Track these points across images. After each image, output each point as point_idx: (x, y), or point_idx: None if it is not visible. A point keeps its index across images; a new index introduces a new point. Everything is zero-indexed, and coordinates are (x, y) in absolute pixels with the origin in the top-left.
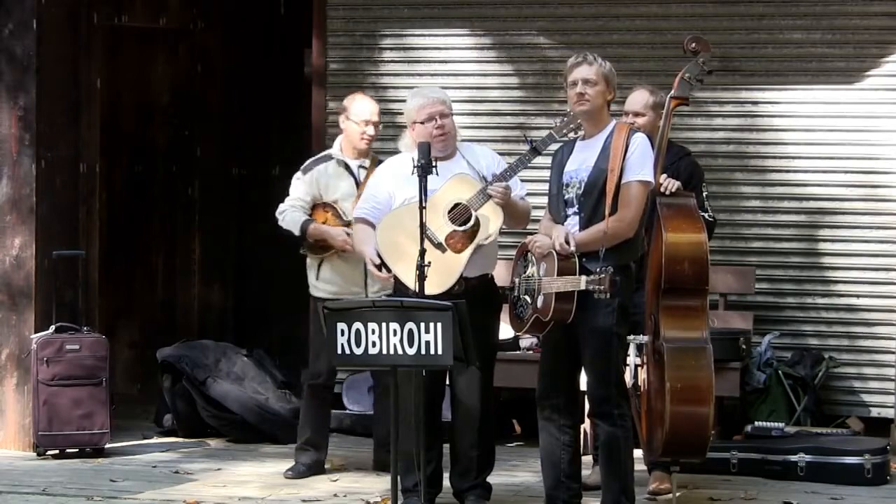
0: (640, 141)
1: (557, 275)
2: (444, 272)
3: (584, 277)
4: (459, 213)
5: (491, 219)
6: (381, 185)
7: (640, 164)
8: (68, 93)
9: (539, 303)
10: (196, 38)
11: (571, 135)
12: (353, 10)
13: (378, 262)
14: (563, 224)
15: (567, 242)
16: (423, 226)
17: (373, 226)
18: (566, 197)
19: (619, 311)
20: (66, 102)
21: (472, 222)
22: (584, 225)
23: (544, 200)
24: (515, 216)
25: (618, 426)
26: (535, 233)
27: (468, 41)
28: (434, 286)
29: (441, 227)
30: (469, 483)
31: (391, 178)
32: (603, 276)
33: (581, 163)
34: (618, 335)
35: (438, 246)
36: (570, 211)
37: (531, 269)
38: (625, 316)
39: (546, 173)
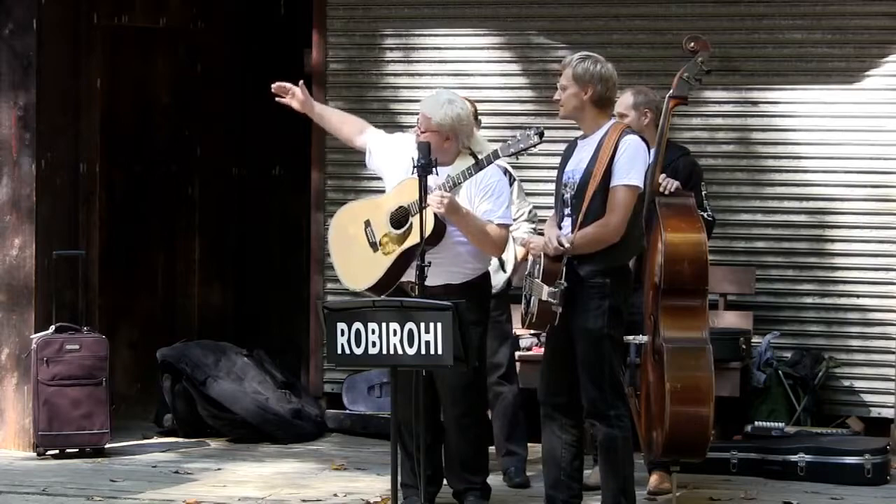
0: (629, 143)
1: (542, 278)
2: (368, 270)
3: (546, 288)
4: (398, 216)
5: (425, 226)
6: (389, 146)
7: (628, 167)
8: (68, 93)
9: (532, 304)
10: (196, 38)
11: (521, 155)
12: (353, 10)
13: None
14: (560, 225)
15: (561, 245)
16: (422, 225)
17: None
18: (564, 197)
19: (610, 312)
20: (66, 102)
21: (405, 227)
22: (575, 227)
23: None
24: (474, 234)
25: (615, 427)
26: None
27: (468, 41)
28: (358, 280)
29: (381, 226)
30: (467, 484)
31: (393, 151)
32: (556, 290)
33: (577, 163)
34: (609, 336)
35: (372, 244)
36: (566, 212)
37: (534, 269)
38: (617, 317)
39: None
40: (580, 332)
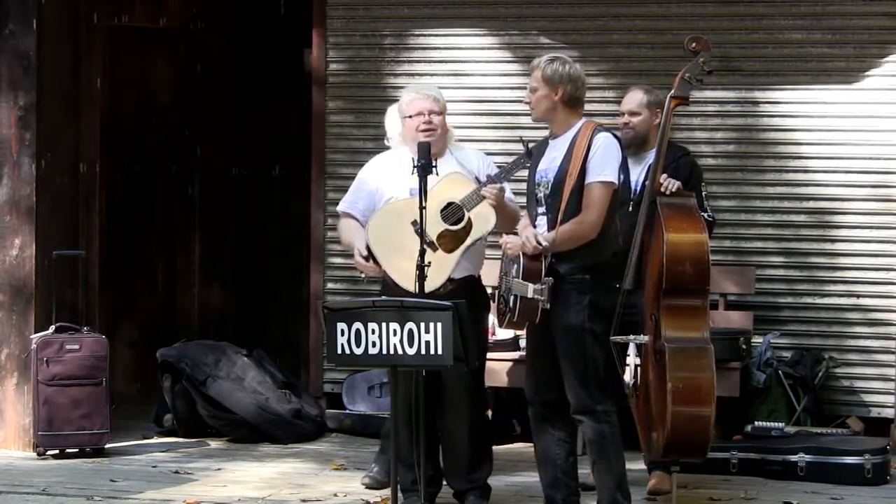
0: (602, 141)
1: (523, 277)
2: (434, 271)
3: (531, 286)
4: (452, 213)
5: (484, 220)
6: (368, 179)
7: (602, 165)
8: (68, 93)
9: (511, 302)
10: (196, 38)
11: None
12: (353, 10)
13: (365, 253)
14: (534, 224)
15: (539, 244)
16: (422, 226)
17: (355, 219)
18: (538, 196)
19: (591, 308)
20: (66, 102)
21: (464, 222)
22: (551, 226)
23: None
24: (506, 217)
25: (603, 422)
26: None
27: (468, 41)
28: (427, 282)
29: (434, 225)
30: (467, 484)
31: (380, 174)
32: (544, 286)
33: (550, 162)
34: (591, 332)
35: (430, 245)
36: (539, 211)
37: (511, 269)
38: (598, 313)
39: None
40: (561, 328)
